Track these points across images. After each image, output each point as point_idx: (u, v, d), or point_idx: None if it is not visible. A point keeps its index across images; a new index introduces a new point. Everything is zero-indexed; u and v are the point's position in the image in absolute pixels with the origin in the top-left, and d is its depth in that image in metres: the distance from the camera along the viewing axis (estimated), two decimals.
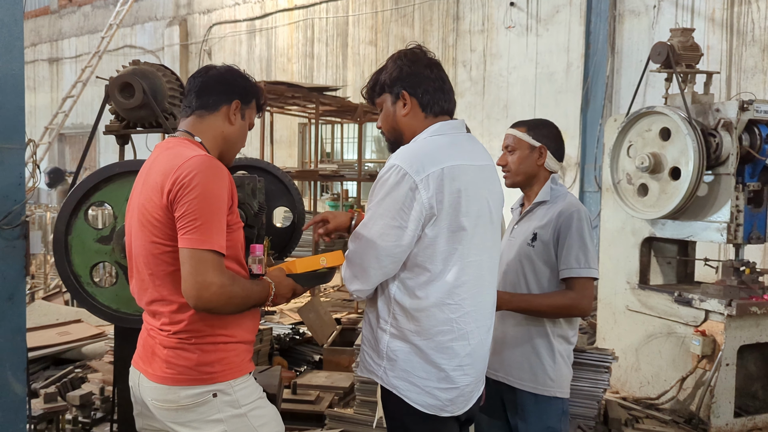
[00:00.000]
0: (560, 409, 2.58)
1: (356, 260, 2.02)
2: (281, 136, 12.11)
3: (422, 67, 2.11)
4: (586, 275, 2.50)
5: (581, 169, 8.76)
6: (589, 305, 2.52)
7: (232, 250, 1.94)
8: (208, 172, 1.86)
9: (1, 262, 3.05)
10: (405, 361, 2.03)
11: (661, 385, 4.71)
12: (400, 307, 2.03)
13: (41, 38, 17.07)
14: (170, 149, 1.98)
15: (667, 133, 4.62)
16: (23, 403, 3.18)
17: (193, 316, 1.91)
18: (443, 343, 2.02)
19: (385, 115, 2.16)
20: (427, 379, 2.02)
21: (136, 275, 2.03)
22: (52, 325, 5.85)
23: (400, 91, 2.10)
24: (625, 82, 8.35)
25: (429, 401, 2.03)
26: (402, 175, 1.94)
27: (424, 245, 1.98)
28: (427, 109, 2.11)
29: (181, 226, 1.84)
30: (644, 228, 4.94)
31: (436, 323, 2.01)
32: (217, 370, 1.93)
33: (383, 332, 2.06)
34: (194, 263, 1.81)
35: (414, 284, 2.01)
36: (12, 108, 3.07)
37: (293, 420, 4.29)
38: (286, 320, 6.82)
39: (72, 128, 15.54)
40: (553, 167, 2.67)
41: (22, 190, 3.13)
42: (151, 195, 1.91)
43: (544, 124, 2.70)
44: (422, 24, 10.57)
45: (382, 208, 1.97)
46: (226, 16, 13.40)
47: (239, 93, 2.09)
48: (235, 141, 2.12)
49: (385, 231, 1.96)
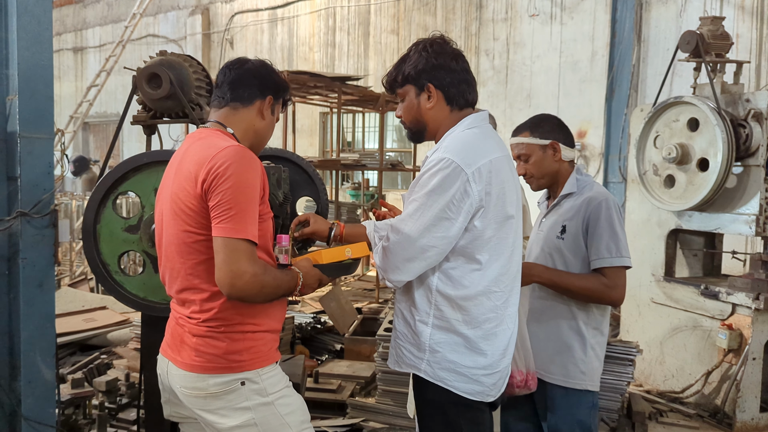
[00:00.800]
0: (590, 403, 2.56)
1: (399, 251, 2.01)
2: (302, 125, 12.13)
3: (448, 59, 2.09)
4: (618, 264, 2.47)
5: (605, 159, 8.66)
6: (620, 295, 2.49)
7: (261, 239, 1.95)
8: (242, 162, 1.87)
9: (31, 250, 3.10)
10: (451, 352, 2.03)
11: (686, 379, 4.67)
12: (444, 297, 2.04)
13: (66, 28, 17.23)
14: (203, 139, 1.99)
15: (696, 123, 4.55)
16: (53, 388, 3.24)
17: (224, 305, 1.93)
18: (489, 330, 2.05)
19: (408, 106, 2.15)
20: (474, 367, 2.04)
21: (167, 263, 2.04)
22: (78, 311, 5.94)
23: (425, 83, 2.09)
24: (651, 71, 8.24)
25: (476, 388, 2.04)
26: (454, 168, 1.95)
27: (473, 236, 2.00)
28: (453, 103, 2.11)
29: (216, 215, 1.85)
30: (670, 220, 4.88)
31: (484, 311, 2.03)
32: (245, 358, 1.95)
33: (424, 325, 2.06)
34: (228, 252, 1.82)
35: (460, 274, 2.02)
36: (41, 98, 3.12)
37: (315, 408, 4.31)
38: (308, 309, 6.86)
39: (96, 117, 15.71)
40: (570, 156, 2.65)
41: (51, 179, 3.17)
42: (184, 184, 1.93)
43: (543, 119, 2.67)
44: (445, 12, 10.50)
45: (432, 200, 1.97)
46: (248, 5, 13.41)
47: (273, 89, 2.12)
48: (264, 135, 2.16)
49: (434, 222, 1.96)
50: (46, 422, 3.20)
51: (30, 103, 3.06)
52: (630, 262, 2.51)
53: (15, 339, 3.13)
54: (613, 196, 2.59)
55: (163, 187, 2.09)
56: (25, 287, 3.09)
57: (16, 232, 3.06)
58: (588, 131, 8.84)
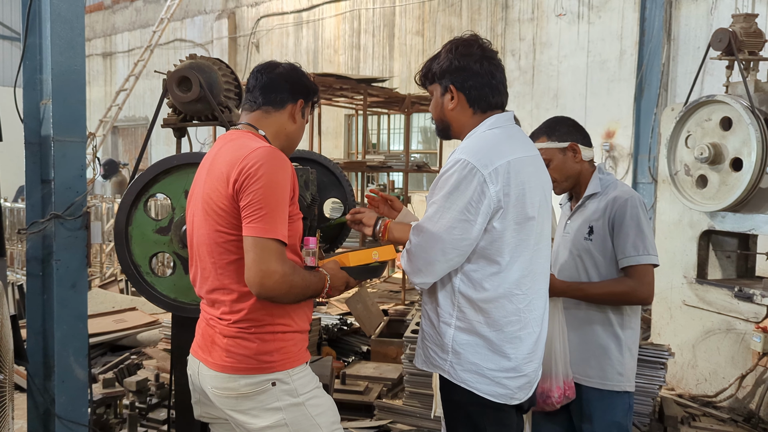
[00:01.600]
0: (627, 404, 2.53)
1: (421, 253, 2.02)
2: (327, 127, 12.17)
3: (473, 61, 2.07)
4: (645, 262, 2.44)
5: (634, 159, 8.55)
6: (648, 293, 2.46)
7: (290, 240, 1.96)
8: (274, 162, 1.89)
9: (64, 251, 3.15)
10: (473, 354, 2.02)
11: (719, 383, 4.58)
12: (466, 299, 2.03)
13: (95, 33, 17.52)
14: (235, 140, 2.01)
15: (728, 122, 4.47)
16: (85, 387, 3.29)
17: (253, 306, 1.94)
18: (512, 334, 2.02)
19: (435, 104, 2.18)
20: (497, 369, 2.02)
21: (198, 263, 2.06)
22: (108, 312, 6.03)
23: (448, 84, 2.10)
24: (681, 70, 8.11)
25: (499, 391, 2.03)
26: (470, 170, 1.95)
27: (493, 238, 1.98)
28: (475, 105, 2.10)
29: (246, 215, 1.87)
30: (702, 221, 4.79)
31: (506, 314, 2.01)
32: (276, 359, 1.96)
33: (447, 326, 2.06)
34: (258, 251, 1.84)
35: (481, 276, 2.01)
36: (74, 102, 3.17)
37: (342, 410, 4.24)
38: (334, 311, 6.87)
39: (125, 121, 15.94)
40: (589, 155, 2.62)
41: (83, 181, 3.22)
42: (216, 185, 1.95)
43: (558, 122, 2.63)
44: (470, 13, 10.46)
45: (450, 202, 1.97)
46: (273, 9, 13.50)
47: (303, 92, 2.15)
48: (295, 138, 2.18)
49: (453, 224, 1.96)
50: (79, 421, 3.25)
51: (63, 107, 3.11)
52: (657, 260, 2.47)
53: (49, 339, 3.18)
54: (638, 193, 2.56)
55: (194, 187, 2.11)
56: (59, 288, 3.14)
57: (50, 234, 3.11)
58: (616, 131, 8.74)
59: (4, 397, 1.98)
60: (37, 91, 3.14)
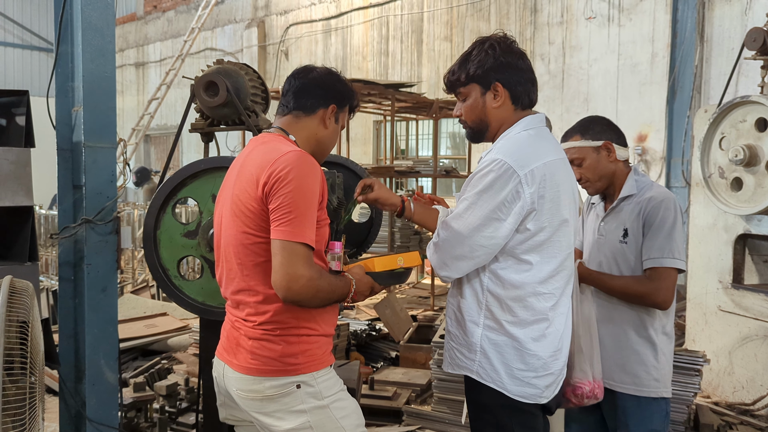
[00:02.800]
0: (664, 411, 2.48)
1: (448, 248, 2.03)
2: (356, 133, 12.20)
3: (516, 57, 2.07)
4: (668, 265, 2.37)
5: (667, 163, 8.40)
6: (667, 297, 2.39)
7: (317, 245, 1.96)
8: (304, 167, 1.89)
9: (95, 255, 3.20)
10: (502, 354, 2.01)
11: (757, 390, 4.45)
12: (495, 298, 2.03)
13: (128, 44, 17.85)
14: (265, 143, 2.02)
15: (764, 123, 4.36)
16: (115, 391, 3.33)
17: (279, 308, 1.94)
18: (539, 332, 2.02)
19: (472, 105, 2.12)
20: (526, 369, 2.01)
21: (225, 264, 2.07)
22: (139, 317, 6.10)
23: (493, 82, 2.07)
24: (715, 72, 7.95)
25: (528, 391, 2.01)
26: (506, 170, 1.94)
27: (525, 238, 1.98)
28: (518, 102, 2.10)
29: (275, 218, 1.87)
30: (738, 224, 4.68)
31: (534, 313, 2.01)
32: (300, 361, 1.95)
33: (475, 325, 2.05)
34: (286, 255, 1.84)
35: (509, 274, 2.01)
36: (104, 109, 3.22)
37: (371, 415, 4.30)
38: (363, 316, 6.86)
39: (157, 129, 16.19)
40: (624, 155, 2.56)
41: (113, 187, 3.27)
42: (245, 186, 1.95)
43: (592, 121, 2.58)
44: (498, 17, 10.41)
45: (482, 200, 1.97)
46: (302, 17, 13.61)
47: (336, 97, 2.13)
48: (327, 143, 2.17)
49: (483, 222, 1.96)
50: (110, 424, 3.29)
51: (94, 113, 3.17)
52: (683, 265, 2.41)
53: (80, 342, 3.23)
54: (674, 196, 2.49)
55: (223, 189, 2.12)
56: (90, 292, 3.19)
57: (81, 239, 3.16)
58: (649, 135, 8.60)
59: (35, 399, 2.01)
60: (69, 99, 3.20)
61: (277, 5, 14.09)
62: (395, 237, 7.55)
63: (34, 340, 2.03)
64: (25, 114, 2.84)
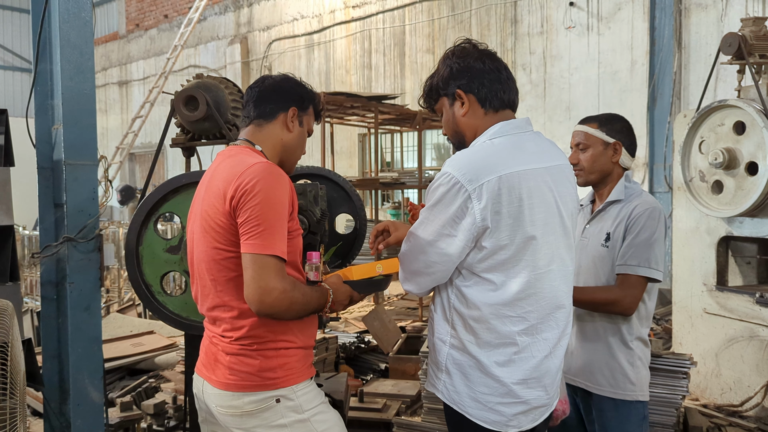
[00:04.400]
0: (641, 414, 2.48)
1: (407, 263, 1.96)
2: (342, 147, 12.22)
3: (473, 60, 1.95)
4: (641, 274, 2.38)
5: (650, 169, 8.48)
6: (632, 304, 2.38)
7: (291, 256, 1.95)
8: (270, 178, 1.87)
9: (77, 274, 3.17)
10: (465, 375, 1.90)
11: (745, 392, 4.48)
12: (459, 316, 1.91)
13: (111, 62, 17.82)
14: (232, 157, 2.01)
15: (742, 126, 4.42)
16: (101, 411, 3.29)
17: (254, 323, 1.92)
18: (506, 356, 1.87)
19: (446, 119, 2.03)
20: (489, 394, 1.88)
21: (198, 281, 2.05)
22: (126, 336, 6.05)
23: (454, 90, 1.96)
24: (693, 78, 8.06)
25: (492, 417, 1.88)
26: (453, 184, 1.81)
27: (482, 256, 1.84)
28: (486, 104, 1.95)
29: (244, 232, 1.85)
30: (720, 227, 4.72)
31: (497, 336, 1.87)
32: (279, 375, 1.94)
33: (443, 343, 1.95)
34: (257, 268, 1.82)
35: (471, 294, 1.88)
36: (84, 126, 3.21)
37: (361, 428, 4.28)
38: (351, 329, 6.84)
39: (141, 147, 16.13)
40: (627, 164, 2.57)
41: (95, 204, 3.25)
42: (213, 201, 1.94)
43: (616, 119, 2.59)
44: (480, 29, 10.50)
45: (433, 215, 1.87)
46: (285, 32, 13.65)
47: (295, 100, 2.12)
48: (294, 148, 2.14)
49: (435, 238, 1.86)
50: None
51: (74, 131, 3.15)
52: (659, 276, 2.40)
53: (64, 362, 3.19)
54: (661, 206, 2.50)
55: (194, 205, 2.11)
56: (73, 311, 3.16)
57: (63, 257, 3.14)
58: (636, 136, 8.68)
59: (16, 421, 1.98)
60: (49, 117, 3.18)
61: (259, 21, 14.14)
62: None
63: (14, 360, 2.01)
64: (4, 133, 2.83)
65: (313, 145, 12.42)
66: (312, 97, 2.17)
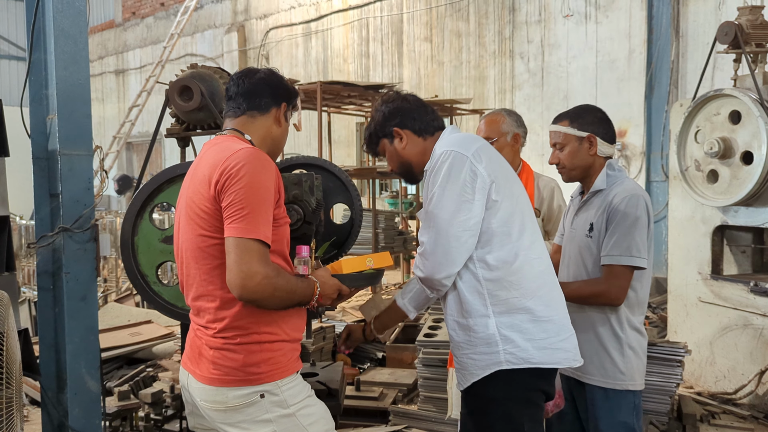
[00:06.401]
0: (632, 403, 2.50)
1: (436, 248, 2.07)
2: (339, 135, 12.20)
3: (399, 101, 2.28)
4: (624, 263, 2.39)
5: (647, 158, 8.48)
6: (618, 294, 2.42)
7: (277, 245, 1.94)
8: (256, 163, 1.87)
9: (73, 264, 3.18)
10: (523, 331, 2.05)
11: (739, 379, 4.51)
12: (494, 282, 2.07)
13: (107, 51, 17.74)
14: (218, 144, 2.00)
15: (738, 116, 4.42)
16: (98, 400, 3.31)
17: (237, 313, 1.91)
18: (546, 295, 2.10)
19: (390, 156, 2.32)
20: (549, 336, 2.07)
21: (184, 270, 2.04)
22: (124, 326, 6.06)
23: (391, 130, 2.27)
24: (691, 67, 8.05)
25: (561, 356, 2.09)
26: (455, 156, 2.09)
27: (495, 211, 2.07)
28: (421, 133, 2.27)
29: (228, 215, 1.84)
30: (715, 216, 4.74)
31: (533, 278, 2.08)
32: (263, 370, 1.92)
33: (486, 318, 2.08)
34: (239, 252, 1.80)
35: (498, 256, 2.07)
36: (79, 116, 3.20)
37: (357, 416, 4.31)
38: (349, 318, 6.86)
39: (138, 136, 16.09)
40: (607, 152, 2.58)
41: (91, 194, 3.25)
42: (198, 188, 1.93)
43: (586, 111, 2.60)
44: (477, 17, 10.46)
45: (448, 190, 2.06)
46: (282, 20, 13.59)
47: (285, 96, 2.14)
48: (280, 141, 2.18)
49: (457, 207, 2.05)
50: None
51: (69, 121, 3.15)
52: (643, 263, 2.42)
53: (61, 352, 3.21)
54: (643, 193, 2.51)
55: (180, 195, 2.10)
56: (69, 301, 3.17)
57: (59, 248, 3.14)
58: (628, 130, 8.68)
59: (12, 410, 2.00)
60: (44, 107, 3.18)
61: (256, 9, 14.07)
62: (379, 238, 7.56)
63: (10, 350, 2.02)
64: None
65: (311, 134, 12.41)
66: (296, 94, 2.21)
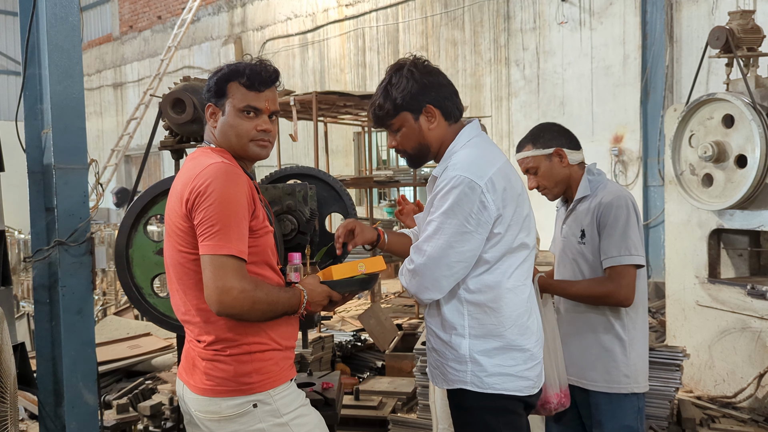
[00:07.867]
0: (636, 406, 2.51)
1: (427, 272, 2.03)
2: (337, 145, 12.23)
3: (436, 75, 2.11)
4: (626, 263, 2.42)
5: (644, 163, 8.50)
6: (628, 294, 2.44)
7: (261, 255, 1.94)
8: (224, 178, 1.86)
9: (69, 277, 3.18)
10: (494, 356, 2.04)
11: (738, 383, 4.50)
12: (475, 306, 2.05)
13: (105, 65, 17.80)
14: (193, 159, 2.00)
15: (731, 120, 4.44)
16: (95, 413, 3.30)
17: (222, 326, 1.91)
18: (523, 324, 2.07)
19: (408, 133, 2.13)
20: (516, 364, 2.05)
21: (171, 286, 2.04)
22: (123, 339, 6.06)
23: (424, 105, 2.09)
24: (686, 71, 8.08)
25: (523, 384, 2.06)
26: (467, 184, 1.97)
27: (494, 243, 2.03)
28: (450, 117, 2.14)
29: (200, 233, 1.84)
30: (711, 220, 4.74)
31: (515, 307, 2.06)
32: (255, 380, 1.93)
33: (461, 337, 2.06)
34: (213, 269, 1.80)
35: (485, 279, 2.04)
36: (74, 130, 3.21)
37: (357, 426, 4.30)
38: (348, 327, 6.86)
39: (137, 149, 16.12)
40: (578, 159, 2.61)
41: (86, 207, 3.25)
42: (173, 205, 1.94)
43: (543, 129, 2.64)
44: (473, 25, 10.51)
45: (451, 218, 1.99)
46: (279, 32, 13.65)
47: (208, 96, 2.07)
48: (228, 132, 2.02)
49: (455, 239, 1.99)
50: None
51: (64, 135, 3.15)
52: (641, 260, 2.46)
53: (58, 365, 3.20)
54: (628, 193, 2.55)
55: (166, 208, 2.09)
56: (65, 314, 3.16)
57: (55, 261, 3.14)
58: (624, 136, 8.70)
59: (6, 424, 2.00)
60: (39, 121, 3.19)
61: (253, 21, 14.13)
62: None
63: (4, 364, 2.02)
64: None
65: (308, 144, 12.42)
66: (223, 79, 2.02)
